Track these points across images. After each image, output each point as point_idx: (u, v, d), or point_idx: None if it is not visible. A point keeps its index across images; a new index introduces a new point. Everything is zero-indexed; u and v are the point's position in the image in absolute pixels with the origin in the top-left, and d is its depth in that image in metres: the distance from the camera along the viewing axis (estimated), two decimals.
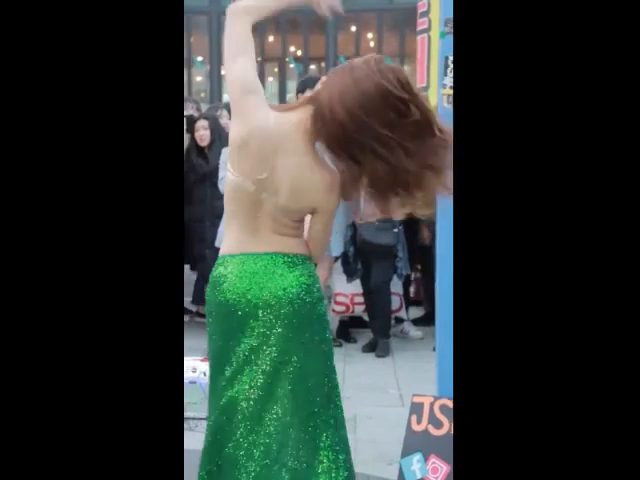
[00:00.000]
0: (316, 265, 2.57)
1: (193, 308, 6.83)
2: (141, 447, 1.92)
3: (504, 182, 1.90)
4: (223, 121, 6.63)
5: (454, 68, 2.03)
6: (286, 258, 2.42)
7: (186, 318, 6.79)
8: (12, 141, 1.87)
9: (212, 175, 5.94)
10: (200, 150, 6.33)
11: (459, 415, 1.99)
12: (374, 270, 5.87)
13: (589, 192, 1.84)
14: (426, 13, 7.73)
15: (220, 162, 5.66)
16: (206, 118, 6.42)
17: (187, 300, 7.12)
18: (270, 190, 2.37)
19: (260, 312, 2.40)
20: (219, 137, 6.29)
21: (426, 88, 7.64)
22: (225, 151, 5.64)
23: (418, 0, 7.85)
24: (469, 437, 1.91)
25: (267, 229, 2.42)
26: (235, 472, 2.41)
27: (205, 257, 6.10)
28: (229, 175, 2.42)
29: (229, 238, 2.49)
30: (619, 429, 1.80)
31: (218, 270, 2.47)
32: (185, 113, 6.46)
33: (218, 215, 5.10)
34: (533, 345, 1.86)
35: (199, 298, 6.70)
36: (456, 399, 2.02)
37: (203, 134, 6.28)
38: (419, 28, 7.96)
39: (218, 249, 2.57)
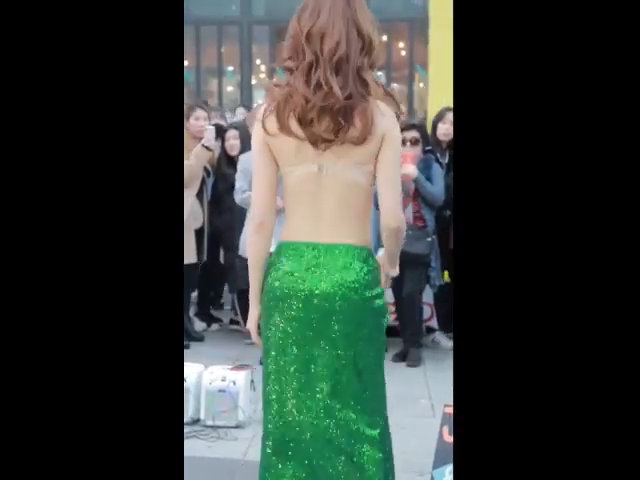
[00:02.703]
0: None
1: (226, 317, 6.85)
2: (141, 451, 1.93)
3: (503, 194, 1.93)
4: None
5: (454, 68, 2.03)
6: (347, 249, 2.43)
7: (216, 327, 6.79)
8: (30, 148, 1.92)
9: None
10: (230, 159, 6.36)
11: (459, 421, 2.01)
12: (406, 279, 5.79)
13: (589, 195, 1.86)
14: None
15: (238, 171, 5.67)
16: (236, 128, 6.45)
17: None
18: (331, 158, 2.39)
19: (324, 305, 2.42)
20: (249, 146, 6.30)
21: None
22: (242, 159, 5.65)
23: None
24: (469, 443, 1.93)
25: (331, 213, 2.42)
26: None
27: (234, 266, 6.10)
28: (288, 174, 2.45)
29: (289, 226, 2.49)
30: (616, 421, 1.82)
31: (275, 257, 2.48)
32: (212, 122, 6.49)
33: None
34: (532, 350, 1.88)
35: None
36: (456, 404, 2.03)
37: (233, 144, 6.32)
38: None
39: (245, 259, 2.56)
